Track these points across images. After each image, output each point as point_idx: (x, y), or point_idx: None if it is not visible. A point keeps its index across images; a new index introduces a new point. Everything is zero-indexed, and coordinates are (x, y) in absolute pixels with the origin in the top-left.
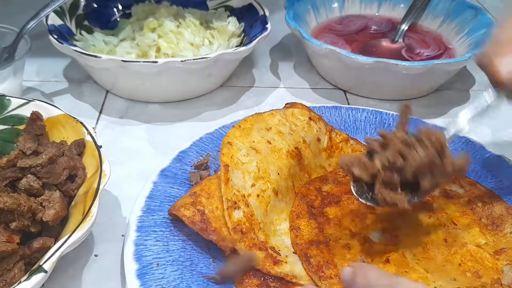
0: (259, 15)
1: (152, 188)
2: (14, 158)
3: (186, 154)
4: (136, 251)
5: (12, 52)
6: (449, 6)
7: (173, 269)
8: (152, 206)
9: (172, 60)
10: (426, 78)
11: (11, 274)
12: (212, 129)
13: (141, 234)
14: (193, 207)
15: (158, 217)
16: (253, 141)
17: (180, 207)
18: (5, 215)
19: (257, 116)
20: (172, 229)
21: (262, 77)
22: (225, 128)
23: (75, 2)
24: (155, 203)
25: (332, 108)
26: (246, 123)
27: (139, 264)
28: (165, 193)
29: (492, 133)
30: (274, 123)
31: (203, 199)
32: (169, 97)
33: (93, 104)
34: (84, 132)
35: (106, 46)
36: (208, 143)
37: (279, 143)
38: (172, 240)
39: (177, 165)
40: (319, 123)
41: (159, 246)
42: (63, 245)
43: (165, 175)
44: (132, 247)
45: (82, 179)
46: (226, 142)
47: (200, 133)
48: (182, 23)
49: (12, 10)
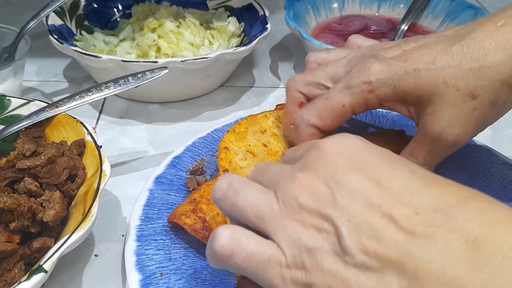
0: (259, 15)
1: (148, 196)
2: (13, 159)
3: (180, 160)
4: (137, 261)
5: (12, 52)
6: (449, 6)
7: (177, 278)
8: (150, 214)
9: (172, 60)
10: None
11: (11, 274)
12: (204, 133)
13: (141, 244)
14: (194, 215)
15: (157, 225)
16: (249, 145)
17: (181, 215)
18: (5, 215)
19: (251, 118)
20: (173, 237)
21: (262, 77)
22: (217, 132)
23: (75, 2)
24: (153, 211)
25: None
26: (241, 126)
27: (142, 275)
28: (162, 200)
29: (492, 133)
30: (268, 125)
31: (203, 205)
32: (169, 97)
33: (93, 104)
34: (84, 132)
35: (106, 46)
36: (201, 147)
37: (274, 146)
38: (173, 248)
39: (172, 171)
40: None
41: (161, 255)
42: (63, 245)
43: (160, 182)
44: (133, 258)
45: (82, 179)
46: (222, 147)
47: (193, 137)
48: (182, 23)
49: (12, 10)
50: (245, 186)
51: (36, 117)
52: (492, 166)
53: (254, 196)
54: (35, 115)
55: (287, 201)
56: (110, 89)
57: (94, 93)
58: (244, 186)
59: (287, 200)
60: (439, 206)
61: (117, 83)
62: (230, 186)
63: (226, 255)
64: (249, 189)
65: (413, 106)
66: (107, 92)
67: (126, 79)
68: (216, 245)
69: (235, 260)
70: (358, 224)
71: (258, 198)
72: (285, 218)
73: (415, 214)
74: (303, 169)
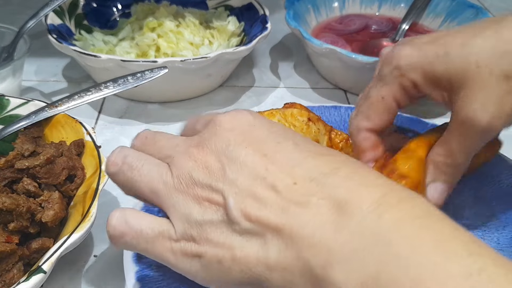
0: (259, 15)
1: None
2: (12, 159)
3: None
4: (135, 253)
5: (11, 52)
6: (449, 6)
7: (173, 271)
8: (151, 207)
9: (171, 60)
10: None
11: (10, 275)
12: None
13: None
14: None
15: None
16: None
17: None
18: (3, 215)
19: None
20: None
21: (262, 77)
22: None
23: (75, 2)
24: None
25: (331, 108)
26: None
27: (139, 266)
28: None
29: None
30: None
31: None
32: (169, 97)
33: (93, 104)
34: (83, 132)
35: (105, 46)
36: None
37: None
38: None
39: None
40: (318, 124)
41: None
42: (62, 245)
43: None
44: None
45: (81, 179)
46: None
47: None
48: (182, 22)
49: (11, 10)
50: (139, 160)
51: (35, 117)
52: (502, 172)
53: (149, 171)
54: (34, 115)
55: (181, 177)
56: (110, 88)
57: (93, 93)
58: (138, 160)
59: (181, 176)
60: (314, 175)
61: (116, 83)
62: (125, 160)
63: (117, 236)
64: (143, 164)
65: (446, 91)
66: (106, 92)
67: (125, 79)
68: (108, 226)
69: (126, 239)
70: (244, 195)
71: (153, 173)
72: (179, 194)
73: (294, 184)
74: (199, 145)
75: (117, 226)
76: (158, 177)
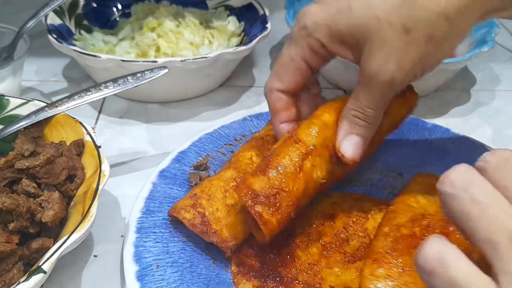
0: (259, 15)
1: (151, 189)
2: (12, 159)
3: (185, 155)
4: (135, 253)
5: (11, 52)
6: None
7: (173, 271)
8: (152, 207)
9: (171, 60)
10: (426, 78)
11: (10, 275)
12: (211, 129)
13: (140, 236)
14: (194, 209)
15: (157, 218)
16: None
17: (181, 209)
18: (4, 215)
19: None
20: (172, 230)
21: (262, 77)
22: (224, 129)
23: (75, 2)
24: (155, 204)
25: None
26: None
27: (139, 266)
28: (164, 194)
29: (493, 133)
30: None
31: (203, 201)
32: (169, 97)
33: (93, 104)
34: (83, 132)
35: (105, 46)
36: (207, 143)
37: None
38: (171, 241)
39: (176, 165)
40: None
41: (158, 248)
42: (62, 245)
43: (164, 176)
44: (131, 249)
45: (81, 179)
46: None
47: (199, 133)
48: (182, 22)
49: (11, 10)
50: (487, 198)
51: (35, 117)
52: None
53: (495, 214)
54: (34, 115)
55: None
56: (110, 88)
57: (93, 93)
58: (486, 198)
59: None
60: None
61: (116, 83)
62: (467, 189)
63: (426, 271)
64: (492, 204)
65: (353, 48)
66: (106, 92)
67: (125, 79)
68: (420, 256)
69: (435, 280)
70: None
71: (499, 218)
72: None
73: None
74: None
75: (429, 261)
76: (502, 226)
